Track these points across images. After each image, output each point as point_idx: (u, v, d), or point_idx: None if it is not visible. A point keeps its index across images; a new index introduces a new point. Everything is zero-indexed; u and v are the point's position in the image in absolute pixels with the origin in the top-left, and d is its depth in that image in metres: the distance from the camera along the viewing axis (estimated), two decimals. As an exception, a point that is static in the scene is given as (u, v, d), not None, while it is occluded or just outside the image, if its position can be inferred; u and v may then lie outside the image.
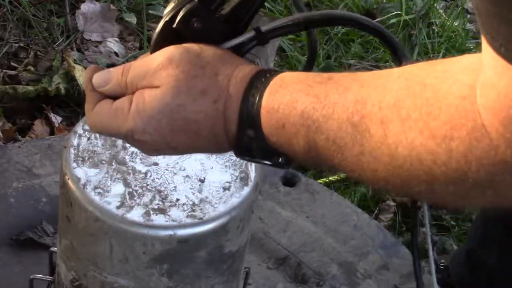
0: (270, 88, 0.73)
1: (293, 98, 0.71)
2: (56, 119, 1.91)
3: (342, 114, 0.67)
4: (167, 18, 0.78)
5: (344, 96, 0.68)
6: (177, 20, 0.78)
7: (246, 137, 0.75)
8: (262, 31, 0.80)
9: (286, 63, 2.15)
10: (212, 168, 1.03)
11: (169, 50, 0.76)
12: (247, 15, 0.80)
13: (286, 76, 0.73)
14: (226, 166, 1.03)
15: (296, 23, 0.81)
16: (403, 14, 2.37)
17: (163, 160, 1.03)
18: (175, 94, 0.75)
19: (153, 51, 0.80)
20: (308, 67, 0.91)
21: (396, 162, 0.64)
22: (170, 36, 0.79)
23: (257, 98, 0.73)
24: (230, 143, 0.77)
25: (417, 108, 0.63)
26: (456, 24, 2.50)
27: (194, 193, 1.00)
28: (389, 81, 0.67)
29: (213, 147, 0.78)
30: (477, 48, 2.48)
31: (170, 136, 0.77)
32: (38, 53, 2.06)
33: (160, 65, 0.76)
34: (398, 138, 0.64)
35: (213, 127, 0.76)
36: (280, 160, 0.76)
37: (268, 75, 0.74)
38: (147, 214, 0.96)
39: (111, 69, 0.81)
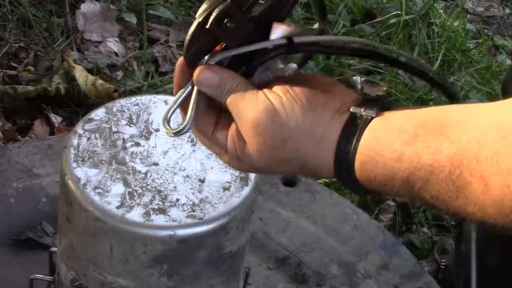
0: (359, 158, 0.75)
1: (387, 168, 0.73)
2: (56, 119, 1.91)
3: (439, 174, 0.68)
4: (200, 19, 0.78)
5: (438, 156, 0.69)
6: (210, 21, 0.78)
7: (347, 188, 0.80)
8: (293, 42, 0.79)
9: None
10: (212, 168, 1.03)
11: (257, 111, 0.78)
12: (278, 17, 0.80)
13: (371, 143, 0.75)
14: (226, 166, 1.03)
15: (336, 46, 0.82)
16: (403, 14, 2.37)
17: (163, 160, 1.03)
18: (260, 158, 0.80)
19: (186, 53, 0.80)
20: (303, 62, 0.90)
21: (503, 212, 0.65)
22: (203, 37, 0.79)
23: (349, 168, 0.76)
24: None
25: None
26: (456, 24, 2.50)
27: (194, 193, 1.00)
28: (480, 133, 0.67)
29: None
30: (477, 48, 2.48)
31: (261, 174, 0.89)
32: (38, 53, 2.06)
33: (246, 126, 0.79)
34: (501, 191, 0.64)
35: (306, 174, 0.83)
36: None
37: (351, 141, 0.76)
38: (147, 214, 0.96)
39: (225, 75, 0.81)
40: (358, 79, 2.20)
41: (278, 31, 0.79)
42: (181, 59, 0.83)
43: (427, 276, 1.55)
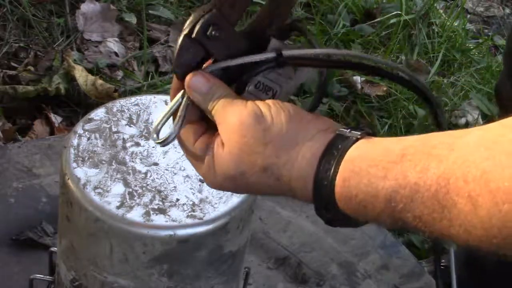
0: (342, 173, 0.74)
1: (372, 185, 0.71)
2: (56, 119, 1.91)
3: (425, 192, 0.67)
4: (185, 31, 0.79)
5: (425, 174, 0.67)
6: (195, 31, 0.78)
7: (320, 212, 0.80)
8: (282, 55, 0.80)
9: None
10: (212, 168, 1.03)
11: (243, 114, 0.78)
12: (267, 30, 0.80)
13: (356, 158, 0.74)
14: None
15: (325, 59, 0.82)
16: (403, 14, 2.37)
17: (163, 160, 1.03)
18: (238, 162, 0.79)
19: (176, 66, 0.81)
20: (313, 107, 0.90)
21: (491, 233, 0.63)
22: (190, 48, 0.80)
23: (330, 183, 0.75)
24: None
25: (506, 179, 0.62)
26: (456, 24, 2.50)
27: (194, 193, 1.00)
28: (468, 152, 0.66)
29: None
30: (477, 48, 2.48)
31: (234, 190, 0.83)
32: (38, 53, 2.06)
33: (231, 128, 0.78)
34: (490, 211, 0.63)
35: (279, 193, 0.81)
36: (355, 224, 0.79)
37: (335, 155, 0.75)
38: (147, 214, 0.96)
39: (216, 83, 0.81)
40: (358, 79, 2.20)
41: (273, 45, 0.80)
42: (175, 79, 0.83)
43: (427, 276, 1.56)
